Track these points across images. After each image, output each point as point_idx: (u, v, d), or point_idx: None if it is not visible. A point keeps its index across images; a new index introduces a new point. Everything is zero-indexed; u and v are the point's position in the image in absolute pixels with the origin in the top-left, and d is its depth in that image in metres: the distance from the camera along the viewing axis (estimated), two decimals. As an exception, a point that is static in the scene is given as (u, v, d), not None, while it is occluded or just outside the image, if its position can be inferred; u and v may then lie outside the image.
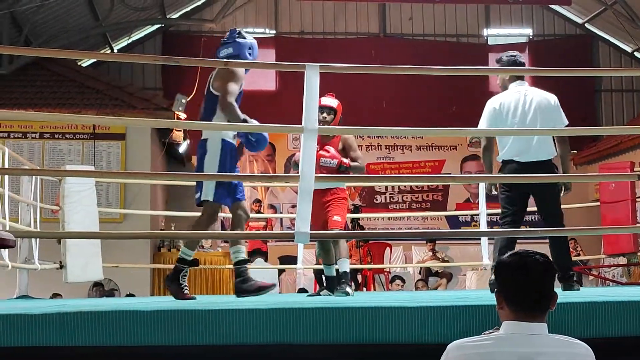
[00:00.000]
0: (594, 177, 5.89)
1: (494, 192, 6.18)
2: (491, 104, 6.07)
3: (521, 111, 5.95)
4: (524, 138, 5.93)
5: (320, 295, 6.96)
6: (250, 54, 5.63)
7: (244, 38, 5.78)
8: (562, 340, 2.61)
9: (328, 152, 6.36)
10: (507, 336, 2.59)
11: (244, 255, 5.55)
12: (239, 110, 5.43)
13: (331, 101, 6.56)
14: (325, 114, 6.48)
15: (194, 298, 5.54)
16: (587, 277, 14.32)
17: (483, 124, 6.04)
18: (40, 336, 3.55)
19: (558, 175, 5.88)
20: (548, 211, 5.99)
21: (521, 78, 6.22)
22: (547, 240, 5.93)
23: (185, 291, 5.37)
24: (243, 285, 5.36)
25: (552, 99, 6.03)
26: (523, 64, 6.32)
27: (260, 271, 13.61)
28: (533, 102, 5.96)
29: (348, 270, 6.45)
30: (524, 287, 2.61)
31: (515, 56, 6.21)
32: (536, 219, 18.11)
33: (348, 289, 6.25)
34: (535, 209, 6.14)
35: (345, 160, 6.39)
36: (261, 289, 5.34)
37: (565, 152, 6.10)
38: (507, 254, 2.70)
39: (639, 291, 5.41)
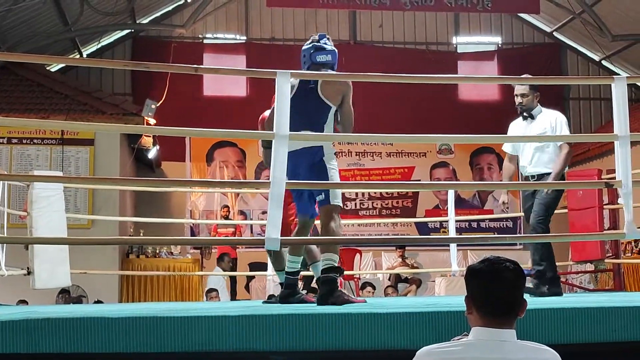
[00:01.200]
0: (562, 184, 5.95)
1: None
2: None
3: None
4: None
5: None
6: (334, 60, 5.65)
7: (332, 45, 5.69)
8: (531, 347, 2.63)
9: None
10: (477, 342, 2.60)
11: (298, 266, 5.57)
12: None
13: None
14: None
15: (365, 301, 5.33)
16: (555, 283, 14.40)
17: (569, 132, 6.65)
18: (7, 343, 3.51)
19: (532, 182, 5.92)
20: None
21: None
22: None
23: (347, 296, 5.19)
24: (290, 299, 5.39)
25: None
26: None
27: (214, 278, 13.56)
28: None
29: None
30: (494, 294, 2.62)
31: None
32: (504, 225, 18.26)
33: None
34: (504, 215, 6.28)
35: None
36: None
37: None
38: (478, 261, 2.72)
39: (606, 298, 5.45)
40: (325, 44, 5.65)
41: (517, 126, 6.73)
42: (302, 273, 11.01)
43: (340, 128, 5.55)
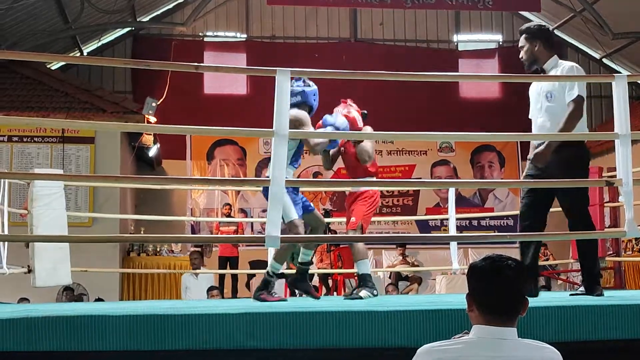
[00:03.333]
0: (562, 182, 5.92)
1: None
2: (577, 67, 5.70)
3: None
4: None
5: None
6: (314, 100, 6.04)
7: (309, 86, 6.10)
8: (532, 345, 2.63)
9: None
10: (477, 340, 2.60)
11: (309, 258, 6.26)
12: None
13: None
14: None
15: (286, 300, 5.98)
16: (555, 281, 14.43)
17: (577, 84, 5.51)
18: (7, 341, 3.51)
19: (535, 180, 5.80)
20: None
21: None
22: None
23: (268, 297, 5.95)
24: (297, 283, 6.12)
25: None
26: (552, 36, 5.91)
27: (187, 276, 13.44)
28: None
29: (367, 272, 6.69)
30: (496, 292, 2.61)
31: (544, 26, 5.90)
32: (504, 223, 18.26)
33: (362, 293, 6.44)
34: (505, 213, 6.17)
35: None
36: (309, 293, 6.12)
37: None
38: (480, 258, 2.71)
39: (607, 296, 5.45)
40: (298, 86, 6.03)
41: (533, 86, 5.81)
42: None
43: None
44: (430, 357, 2.60)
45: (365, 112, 6.84)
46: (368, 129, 6.78)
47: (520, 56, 5.80)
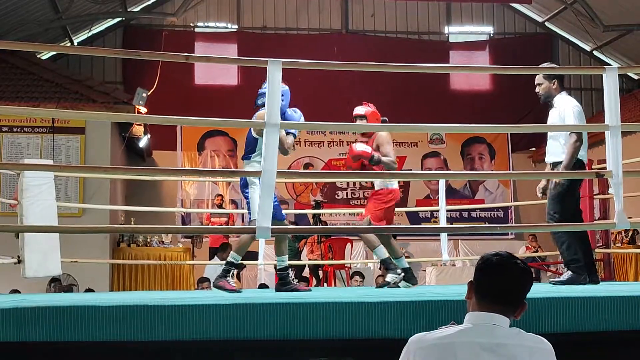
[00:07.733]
0: (552, 174, 5.92)
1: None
2: (577, 105, 6.31)
3: None
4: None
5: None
6: (282, 100, 5.80)
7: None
8: (523, 334, 2.64)
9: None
10: (469, 327, 2.62)
11: (286, 263, 6.25)
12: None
13: (359, 109, 6.84)
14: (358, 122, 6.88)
15: (240, 291, 6.11)
16: (545, 273, 14.48)
17: (577, 122, 6.20)
18: (-3, 332, 3.51)
19: (525, 172, 5.88)
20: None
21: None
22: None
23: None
24: (282, 288, 6.10)
25: None
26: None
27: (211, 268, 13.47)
28: None
29: (385, 256, 6.89)
30: (498, 287, 2.66)
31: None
32: (494, 215, 18.26)
33: (388, 277, 6.77)
34: (495, 205, 6.20)
35: (375, 155, 6.84)
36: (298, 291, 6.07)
37: None
38: (492, 252, 2.74)
39: (596, 287, 5.47)
40: (265, 87, 6.16)
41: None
42: (293, 263, 11.19)
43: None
44: (422, 345, 2.61)
45: (386, 119, 6.98)
46: (383, 135, 6.93)
47: (537, 91, 6.39)
